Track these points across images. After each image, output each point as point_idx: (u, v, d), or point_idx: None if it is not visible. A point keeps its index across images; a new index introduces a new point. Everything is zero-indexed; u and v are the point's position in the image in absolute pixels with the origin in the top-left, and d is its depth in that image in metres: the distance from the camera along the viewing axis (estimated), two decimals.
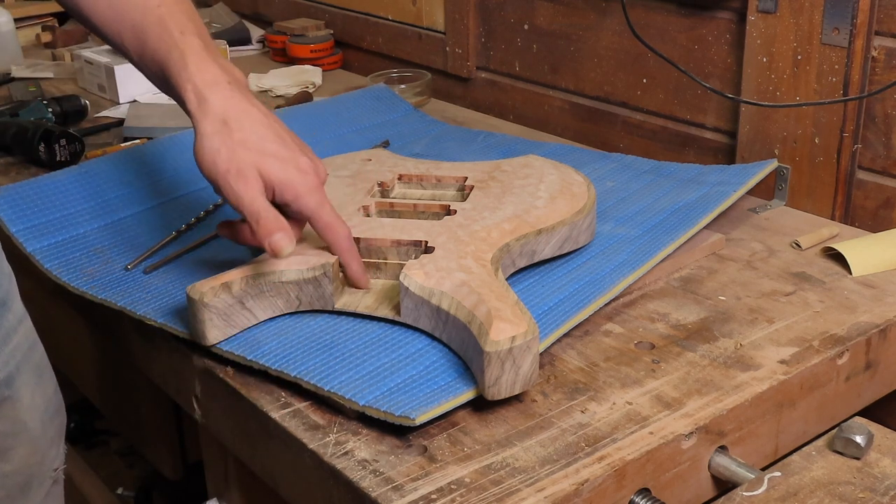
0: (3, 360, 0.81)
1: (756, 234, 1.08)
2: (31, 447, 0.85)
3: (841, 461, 0.76)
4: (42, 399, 0.86)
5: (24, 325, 0.85)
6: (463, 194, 1.02)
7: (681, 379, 0.82)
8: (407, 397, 0.76)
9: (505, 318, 0.76)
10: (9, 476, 0.83)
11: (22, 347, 0.83)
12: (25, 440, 0.84)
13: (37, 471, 0.86)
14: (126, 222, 1.09)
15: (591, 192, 1.00)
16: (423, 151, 1.28)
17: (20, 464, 0.84)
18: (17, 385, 0.83)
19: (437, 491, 0.69)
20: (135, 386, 1.19)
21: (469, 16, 1.53)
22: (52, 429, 0.88)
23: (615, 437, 0.75)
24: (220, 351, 0.84)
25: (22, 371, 0.83)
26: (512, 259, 0.91)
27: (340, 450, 0.74)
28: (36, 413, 0.85)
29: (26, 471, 0.85)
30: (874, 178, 1.11)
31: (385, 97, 1.46)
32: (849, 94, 1.08)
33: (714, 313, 0.92)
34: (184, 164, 1.21)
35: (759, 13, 1.13)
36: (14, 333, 0.82)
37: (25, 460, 0.85)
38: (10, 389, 0.82)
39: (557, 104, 1.46)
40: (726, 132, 1.25)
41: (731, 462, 0.78)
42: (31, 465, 0.85)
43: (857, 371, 0.88)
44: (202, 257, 1.01)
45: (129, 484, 1.59)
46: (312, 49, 1.74)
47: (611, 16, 1.34)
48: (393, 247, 0.91)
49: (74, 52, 1.75)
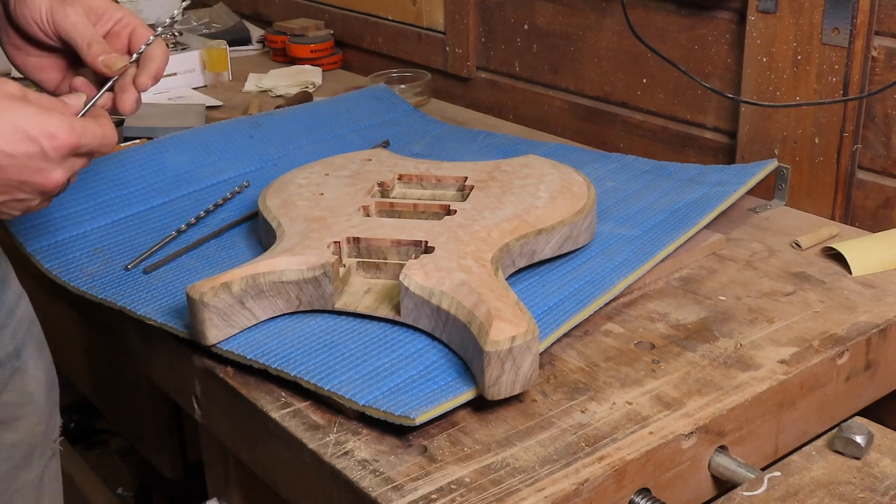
0: (10, 332, 0.86)
1: (756, 234, 1.08)
2: (36, 417, 0.89)
3: (841, 461, 0.76)
4: (43, 371, 0.91)
5: (24, 301, 0.89)
6: (463, 194, 1.02)
7: (681, 379, 0.82)
8: (407, 397, 0.76)
9: (505, 317, 0.76)
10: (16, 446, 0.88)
11: (24, 322, 0.88)
12: (32, 410, 0.89)
13: (39, 441, 0.90)
14: (126, 222, 1.09)
15: (591, 192, 1.00)
16: (423, 151, 1.28)
17: (25, 433, 0.88)
18: (25, 357, 0.87)
19: (437, 491, 0.69)
20: (135, 386, 1.19)
21: (469, 16, 1.53)
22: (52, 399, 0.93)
23: (615, 437, 0.75)
24: (220, 351, 0.84)
25: (27, 344, 0.88)
26: (512, 259, 0.91)
27: (340, 450, 0.74)
28: (40, 384, 0.90)
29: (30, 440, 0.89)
30: (874, 178, 1.11)
31: (385, 97, 1.46)
32: (849, 94, 1.08)
33: (714, 313, 0.92)
34: (184, 164, 1.21)
35: (759, 13, 1.13)
36: (17, 308, 0.87)
37: (31, 430, 0.89)
38: (19, 361, 0.87)
39: (557, 104, 1.46)
40: (726, 132, 1.25)
41: (731, 462, 0.78)
42: (34, 435, 0.90)
43: (857, 371, 0.88)
44: (202, 257, 1.01)
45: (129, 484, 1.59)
46: (312, 49, 1.74)
47: (611, 16, 1.34)
48: (393, 247, 0.91)
49: None
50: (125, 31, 0.90)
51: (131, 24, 0.90)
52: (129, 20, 0.91)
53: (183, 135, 1.27)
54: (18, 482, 0.89)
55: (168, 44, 1.68)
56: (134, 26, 0.90)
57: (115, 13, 0.90)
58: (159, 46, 0.89)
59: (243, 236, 1.06)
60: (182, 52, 1.67)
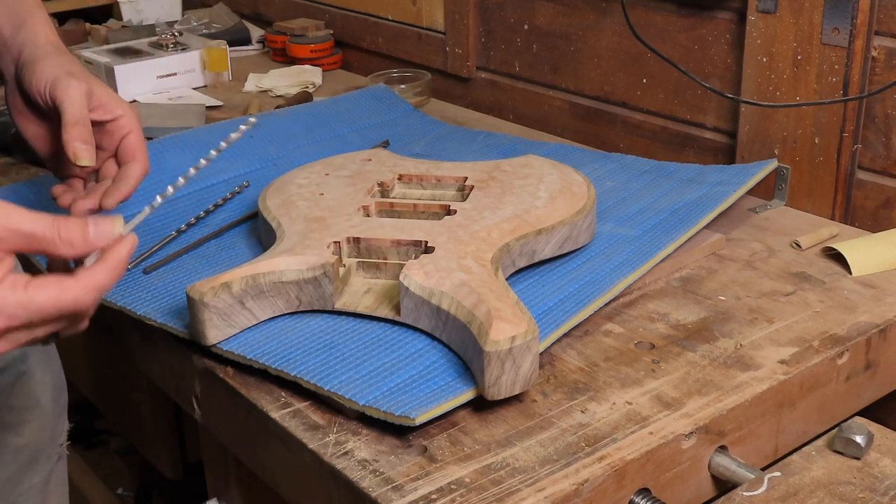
0: None
1: (756, 234, 1.08)
2: (42, 421, 0.90)
3: (841, 461, 0.76)
4: (50, 376, 0.91)
5: None
6: (463, 194, 1.02)
7: (681, 379, 0.82)
8: (407, 397, 0.76)
9: (505, 318, 0.76)
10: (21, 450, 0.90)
11: None
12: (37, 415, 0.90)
13: (45, 445, 0.92)
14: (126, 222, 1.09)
15: (591, 192, 1.00)
16: (423, 151, 1.28)
17: (31, 437, 0.89)
18: (31, 362, 0.88)
19: (437, 491, 0.69)
20: (135, 386, 1.19)
21: (469, 16, 1.53)
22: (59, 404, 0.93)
23: (615, 437, 0.75)
24: (220, 351, 0.84)
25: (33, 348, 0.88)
26: (512, 259, 0.91)
27: (340, 450, 0.74)
28: (46, 389, 0.91)
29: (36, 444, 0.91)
30: (874, 178, 1.11)
31: (385, 97, 1.46)
32: (849, 94, 1.08)
33: (714, 313, 0.92)
34: (184, 164, 1.21)
35: (759, 13, 1.13)
36: None
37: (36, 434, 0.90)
38: (25, 365, 0.87)
39: (557, 104, 1.46)
40: (726, 132, 1.25)
41: (731, 462, 0.78)
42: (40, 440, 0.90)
43: (857, 371, 0.88)
44: (202, 257, 1.01)
45: (129, 484, 1.59)
46: (312, 49, 1.74)
47: (611, 16, 1.34)
48: (393, 247, 0.91)
49: (74, 52, 1.74)
50: (119, 132, 0.88)
51: (127, 128, 0.88)
52: (128, 123, 0.88)
53: (183, 135, 1.27)
54: (23, 485, 0.89)
55: (168, 44, 1.68)
56: (129, 131, 0.87)
57: (115, 108, 0.88)
58: (137, 168, 0.87)
59: (243, 236, 1.06)
60: (182, 52, 1.67)
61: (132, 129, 0.88)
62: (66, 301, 0.62)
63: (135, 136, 0.88)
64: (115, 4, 2.05)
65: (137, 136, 0.88)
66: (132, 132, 0.88)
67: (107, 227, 0.64)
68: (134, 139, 0.87)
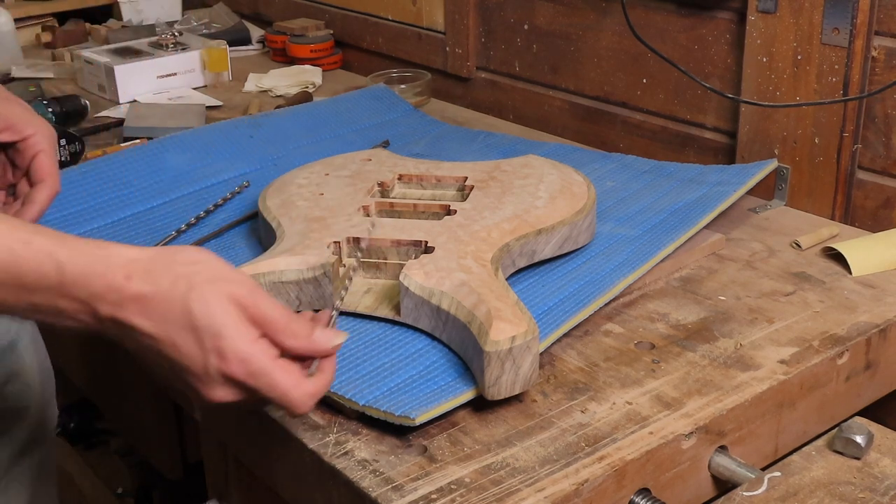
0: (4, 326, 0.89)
1: (756, 234, 1.08)
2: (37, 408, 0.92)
3: (841, 461, 0.76)
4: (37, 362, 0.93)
5: None
6: (463, 194, 1.02)
7: (681, 379, 0.82)
8: (407, 397, 0.76)
9: (505, 318, 0.76)
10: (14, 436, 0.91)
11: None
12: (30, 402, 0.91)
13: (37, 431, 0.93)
14: (126, 222, 1.09)
15: (591, 192, 1.00)
16: (423, 151, 1.28)
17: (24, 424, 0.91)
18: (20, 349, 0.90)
19: (437, 491, 0.69)
20: (135, 386, 1.19)
21: (469, 16, 1.53)
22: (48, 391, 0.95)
23: (615, 437, 0.75)
24: None
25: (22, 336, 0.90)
26: (512, 259, 0.91)
27: (340, 450, 0.74)
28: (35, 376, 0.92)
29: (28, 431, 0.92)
30: (874, 178, 1.11)
31: (385, 97, 1.46)
32: (849, 94, 1.08)
33: (714, 313, 0.92)
34: (184, 164, 1.21)
35: (759, 13, 1.13)
36: None
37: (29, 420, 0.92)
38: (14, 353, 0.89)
39: (557, 104, 1.45)
40: (726, 132, 1.25)
41: (731, 462, 0.78)
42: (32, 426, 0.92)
43: (857, 371, 0.88)
44: None
45: (129, 484, 1.59)
46: (312, 49, 1.74)
47: (611, 16, 1.34)
48: (393, 247, 0.91)
49: (74, 52, 1.75)
50: (29, 151, 0.87)
51: (37, 148, 0.87)
52: (38, 142, 0.87)
53: (183, 135, 1.27)
54: (14, 471, 0.90)
55: (168, 44, 1.68)
56: (39, 150, 0.87)
57: (24, 128, 0.87)
58: (44, 191, 0.85)
59: (243, 236, 1.06)
60: (182, 52, 1.67)
61: (42, 149, 0.87)
62: (293, 398, 0.66)
63: (45, 156, 0.87)
64: (115, 4, 2.05)
65: (48, 156, 0.87)
66: (42, 151, 0.87)
67: (329, 335, 0.69)
68: (43, 158, 0.86)
